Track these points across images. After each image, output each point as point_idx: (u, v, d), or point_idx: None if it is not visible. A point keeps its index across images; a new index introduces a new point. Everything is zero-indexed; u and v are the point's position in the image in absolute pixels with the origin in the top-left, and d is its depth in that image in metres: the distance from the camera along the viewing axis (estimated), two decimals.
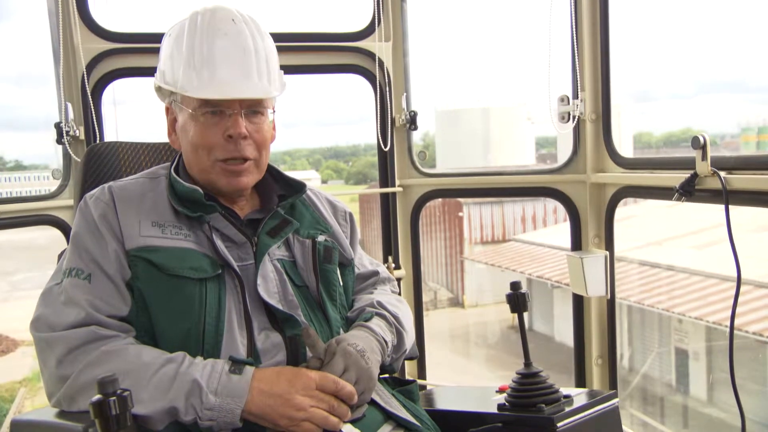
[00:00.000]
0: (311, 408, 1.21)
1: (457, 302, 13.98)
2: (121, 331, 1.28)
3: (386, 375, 1.52)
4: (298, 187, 1.50)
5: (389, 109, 2.79)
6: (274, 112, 1.43)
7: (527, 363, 1.48)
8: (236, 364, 1.23)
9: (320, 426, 1.22)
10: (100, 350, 1.22)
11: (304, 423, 1.21)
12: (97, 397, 0.93)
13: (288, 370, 1.26)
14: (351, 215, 1.63)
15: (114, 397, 0.93)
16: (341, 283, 1.50)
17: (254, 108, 1.37)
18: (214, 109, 1.34)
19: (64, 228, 2.39)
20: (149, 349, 1.25)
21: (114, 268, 1.29)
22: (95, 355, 1.22)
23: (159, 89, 1.44)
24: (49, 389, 1.28)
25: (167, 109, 1.45)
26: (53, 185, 2.49)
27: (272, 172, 1.51)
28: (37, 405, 7.11)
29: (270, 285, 1.37)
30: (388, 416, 1.37)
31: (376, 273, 1.65)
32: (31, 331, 1.30)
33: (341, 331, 1.43)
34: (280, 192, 1.50)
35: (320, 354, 1.30)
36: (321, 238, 1.48)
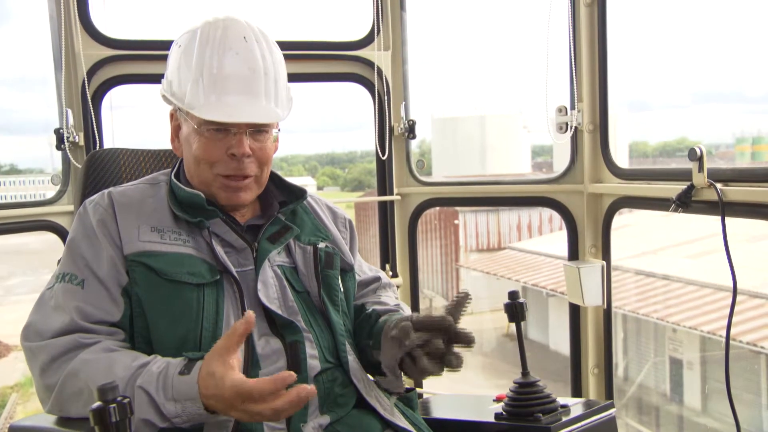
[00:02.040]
0: (258, 416, 1.12)
1: None
2: (108, 336, 1.27)
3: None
4: (299, 193, 1.51)
5: (388, 118, 2.80)
6: (279, 130, 1.43)
7: (525, 372, 1.49)
8: (189, 363, 1.17)
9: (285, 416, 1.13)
10: (78, 358, 1.22)
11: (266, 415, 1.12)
12: (97, 404, 0.93)
13: (212, 393, 1.12)
14: (351, 222, 1.64)
15: (114, 405, 0.93)
16: (342, 289, 1.49)
17: (259, 128, 1.36)
18: (219, 127, 1.33)
19: (63, 234, 2.37)
20: (123, 357, 1.21)
21: (108, 273, 1.29)
22: (73, 364, 1.21)
23: (165, 97, 1.45)
24: (40, 397, 1.29)
25: (172, 115, 1.44)
26: (48, 189, 2.48)
27: (273, 179, 1.50)
28: (29, 410, 7.07)
29: (270, 291, 1.37)
30: (387, 424, 1.37)
31: (377, 279, 1.66)
32: (20, 339, 1.30)
33: (345, 335, 1.42)
34: (281, 198, 1.50)
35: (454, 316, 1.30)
36: (322, 245, 1.48)
